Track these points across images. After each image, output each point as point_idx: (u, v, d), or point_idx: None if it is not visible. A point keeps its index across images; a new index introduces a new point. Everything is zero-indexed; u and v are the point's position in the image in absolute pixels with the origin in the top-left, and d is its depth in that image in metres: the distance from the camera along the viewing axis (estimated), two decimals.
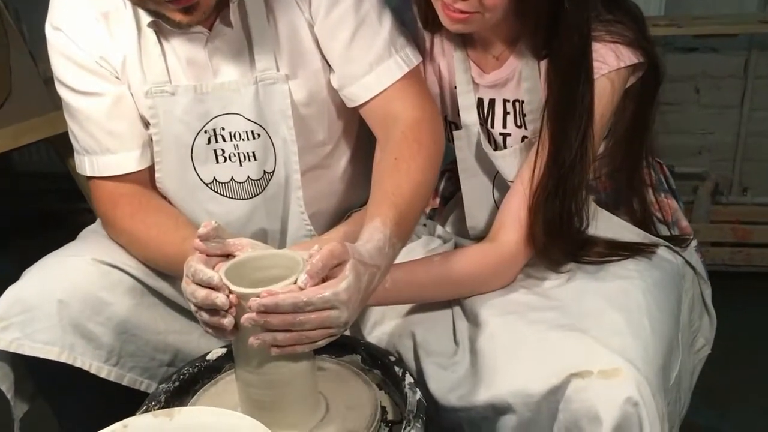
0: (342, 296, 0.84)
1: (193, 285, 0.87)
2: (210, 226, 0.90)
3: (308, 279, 0.84)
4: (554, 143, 1.07)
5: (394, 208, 0.98)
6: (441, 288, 1.12)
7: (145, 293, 1.18)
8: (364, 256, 0.90)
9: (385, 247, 0.94)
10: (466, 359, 1.07)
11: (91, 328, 1.12)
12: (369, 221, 0.96)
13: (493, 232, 1.15)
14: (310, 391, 0.98)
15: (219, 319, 0.86)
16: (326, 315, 0.84)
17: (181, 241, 1.10)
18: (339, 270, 0.86)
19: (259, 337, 0.85)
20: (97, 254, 1.15)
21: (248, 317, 0.84)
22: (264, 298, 0.83)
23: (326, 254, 0.85)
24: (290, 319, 0.83)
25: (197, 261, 0.88)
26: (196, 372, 1.11)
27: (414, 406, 0.98)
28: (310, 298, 0.83)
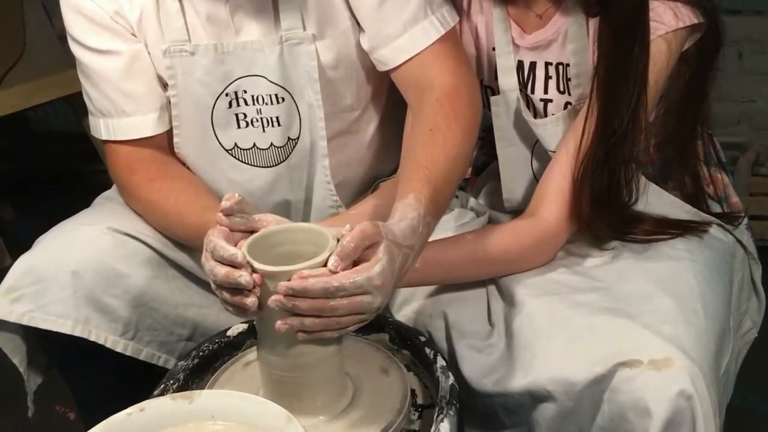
0: (376, 281, 0.78)
1: (213, 261, 0.81)
2: (233, 199, 0.84)
3: (339, 261, 0.78)
4: (604, 110, 0.99)
5: (429, 184, 0.91)
6: (474, 268, 1.06)
7: (162, 265, 1.12)
8: (398, 236, 0.84)
9: (419, 227, 0.87)
10: (501, 341, 1.01)
11: (107, 301, 1.06)
12: (401, 197, 0.89)
13: (532, 206, 1.07)
14: (337, 374, 0.92)
15: (241, 298, 0.81)
16: (358, 300, 0.78)
17: (201, 212, 1.04)
18: (371, 252, 0.80)
19: (286, 322, 0.79)
20: (113, 223, 1.10)
21: (275, 299, 0.78)
22: (292, 282, 0.78)
23: (358, 235, 0.79)
24: (320, 304, 0.77)
25: (218, 236, 0.82)
26: (216, 348, 1.06)
27: (447, 391, 0.92)
28: (342, 283, 0.77)
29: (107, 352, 1.08)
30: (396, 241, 0.83)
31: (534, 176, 1.17)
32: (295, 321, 0.79)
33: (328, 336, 0.83)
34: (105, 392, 1.13)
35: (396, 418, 0.91)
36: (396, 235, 0.84)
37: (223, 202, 0.84)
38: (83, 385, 1.16)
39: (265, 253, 0.86)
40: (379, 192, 1.15)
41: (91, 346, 1.07)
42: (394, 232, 0.84)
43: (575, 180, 1.02)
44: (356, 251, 0.79)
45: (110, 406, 1.14)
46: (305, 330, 0.80)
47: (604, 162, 1.00)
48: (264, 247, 0.87)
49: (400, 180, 0.94)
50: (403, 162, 0.97)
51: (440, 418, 0.88)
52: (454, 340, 1.03)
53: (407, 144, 1.00)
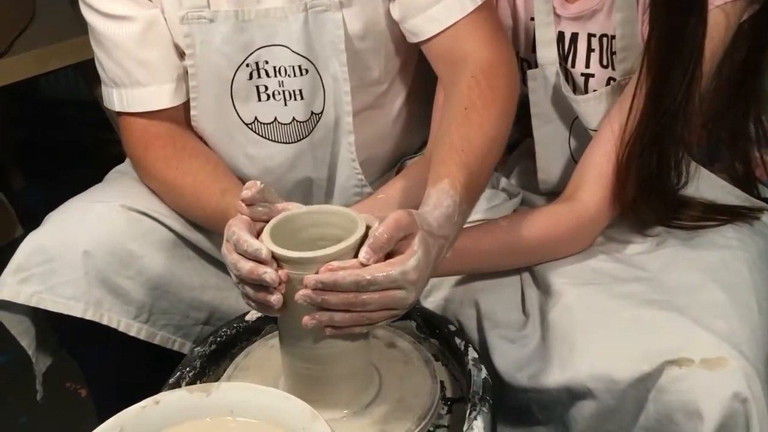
0: (411, 276, 0.73)
1: (236, 255, 0.76)
2: (255, 187, 0.78)
3: (371, 254, 0.73)
4: (656, 86, 0.92)
5: (465, 169, 0.84)
6: (509, 256, 0.99)
7: (179, 245, 1.07)
8: (433, 226, 0.78)
9: (455, 215, 0.81)
10: (536, 333, 0.95)
11: (120, 283, 1.01)
12: (435, 182, 0.83)
13: (570, 189, 1.01)
14: (363, 367, 0.87)
15: (265, 295, 0.75)
16: (391, 295, 0.73)
17: (219, 194, 0.98)
18: (405, 243, 0.74)
19: (314, 317, 0.74)
20: (127, 200, 1.04)
21: (303, 294, 0.73)
22: (322, 275, 0.72)
23: (392, 225, 0.73)
24: (351, 298, 0.72)
25: (240, 227, 0.77)
26: (233, 334, 1.00)
27: (480, 386, 0.87)
28: (375, 277, 0.71)
29: (120, 335, 1.03)
30: (431, 231, 0.77)
31: (572, 156, 1.11)
32: (324, 316, 0.74)
33: (358, 331, 0.78)
34: (118, 376, 1.10)
35: (425, 414, 0.86)
36: (431, 224, 0.78)
37: (244, 191, 0.79)
38: (95, 368, 1.11)
39: (288, 237, 0.81)
40: (407, 173, 1.09)
41: (103, 328, 1.02)
42: (429, 222, 0.78)
43: (620, 162, 0.95)
44: (389, 243, 0.74)
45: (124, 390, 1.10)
46: (334, 325, 0.75)
47: (653, 143, 0.93)
48: (288, 231, 0.82)
49: (433, 162, 0.88)
50: (436, 143, 0.91)
51: (473, 415, 0.83)
52: (486, 330, 0.97)
53: (440, 123, 0.93)
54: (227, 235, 0.77)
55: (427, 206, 0.80)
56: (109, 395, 1.12)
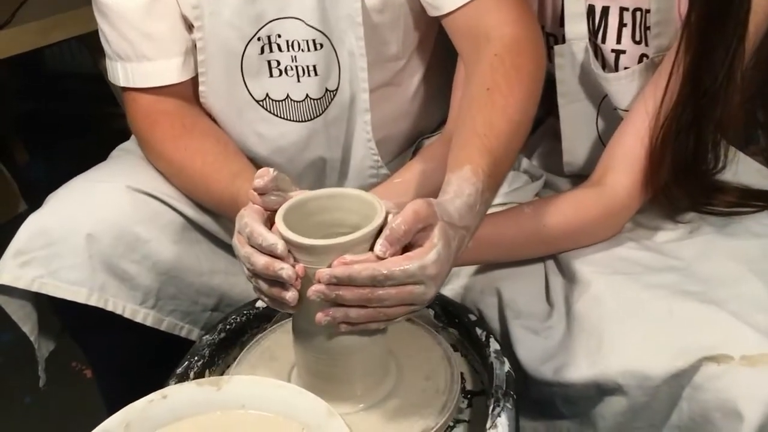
0: (430, 270, 0.68)
1: (249, 248, 0.71)
2: (268, 175, 0.74)
3: (388, 246, 0.68)
4: (695, 65, 0.86)
5: (488, 155, 0.79)
6: (533, 245, 0.95)
7: (187, 228, 1.02)
8: (454, 216, 0.73)
9: (476, 204, 0.76)
10: (561, 323, 0.90)
11: (125, 267, 0.97)
12: (456, 168, 0.78)
13: (598, 173, 0.96)
14: (380, 359, 0.83)
15: (280, 291, 0.71)
16: (409, 290, 0.68)
17: (230, 179, 0.93)
18: (424, 235, 0.70)
19: (328, 314, 0.70)
20: (132, 180, 0.99)
21: (316, 290, 0.69)
22: (336, 268, 0.68)
23: (410, 216, 0.68)
24: (366, 294, 0.68)
25: (253, 218, 0.72)
26: (243, 321, 0.96)
27: (503, 380, 0.83)
28: (392, 271, 0.67)
29: (126, 321, 0.99)
30: (452, 222, 0.72)
31: (599, 137, 1.05)
32: (338, 312, 0.70)
33: (374, 327, 0.74)
34: (124, 362, 1.06)
35: (445, 409, 0.82)
36: (452, 215, 0.73)
37: (256, 180, 0.74)
38: (100, 355, 1.07)
39: (302, 222, 0.76)
40: (425, 154, 1.03)
41: (108, 314, 0.98)
42: (450, 212, 0.73)
43: (654, 145, 0.90)
44: (407, 235, 0.69)
45: (130, 376, 1.07)
46: (349, 322, 0.71)
47: (690, 125, 0.87)
48: (301, 215, 0.77)
49: (453, 146, 0.82)
50: (457, 126, 0.85)
51: (497, 411, 0.79)
52: (509, 320, 0.93)
53: (461, 103, 0.88)
54: (239, 227, 0.73)
55: (447, 194, 0.76)
56: (114, 382, 1.09)
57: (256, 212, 0.73)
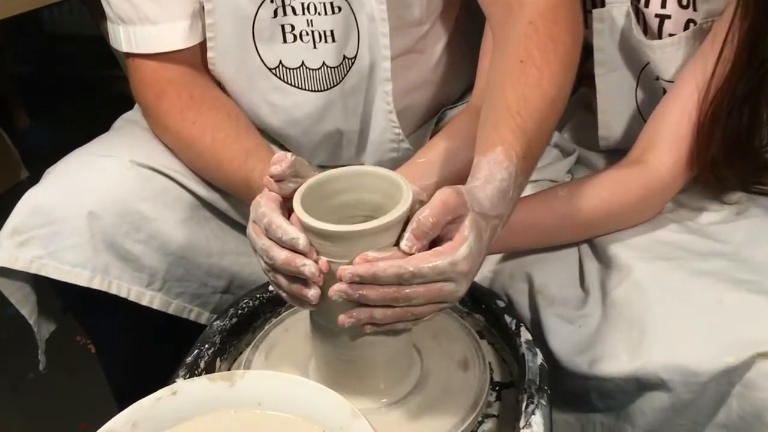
0: (461, 266, 0.62)
1: (267, 240, 0.65)
2: (285, 161, 0.67)
3: (414, 241, 0.63)
4: (754, 32, 0.79)
5: (522, 135, 0.72)
6: (568, 231, 0.88)
7: (195, 206, 0.96)
8: (485, 205, 0.67)
9: (509, 190, 0.69)
10: (597, 311, 0.84)
11: (129, 248, 0.91)
12: (486, 149, 0.71)
13: (638, 150, 0.89)
14: (404, 351, 0.77)
15: (301, 288, 0.66)
16: (439, 288, 0.63)
17: (243, 157, 0.87)
18: (454, 228, 0.64)
19: (351, 315, 0.64)
20: (137, 154, 0.92)
21: (338, 290, 0.63)
22: (358, 266, 0.62)
23: (439, 208, 0.62)
24: (392, 293, 0.62)
25: (271, 208, 0.66)
26: (256, 305, 0.90)
27: (536, 374, 0.77)
28: (419, 269, 0.61)
29: (131, 304, 0.93)
30: (483, 211, 0.66)
31: (638, 110, 0.98)
32: (362, 314, 0.64)
33: (401, 327, 0.68)
34: (130, 345, 1.01)
35: (475, 405, 0.76)
36: (483, 204, 0.66)
37: (273, 166, 0.67)
38: (105, 338, 1.02)
39: (320, 203, 0.70)
40: (449, 130, 0.96)
41: (112, 296, 0.92)
42: (481, 201, 0.67)
43: (702, 120, 0.83)
44: (436, 228, 0.63)
45: (137, 361, 1.01)
46: (374, 323, 0.65)
47: (745, 99, 0.80)
48: (319, 196, 0.71)
49: (483, 125, 0.75)
50: (486, 100, 0.78)
51: (530, 408, 0.73)
52: (540, 308, 0.87)
53: (490, 77, 0.80)
54: (255, 216, 0.67)
55: (477, 180, 0.69)
56: (121, 367, 1.04)
57: (273, 200, 0.67)
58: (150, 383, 0.84)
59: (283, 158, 0.67)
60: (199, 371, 0.81)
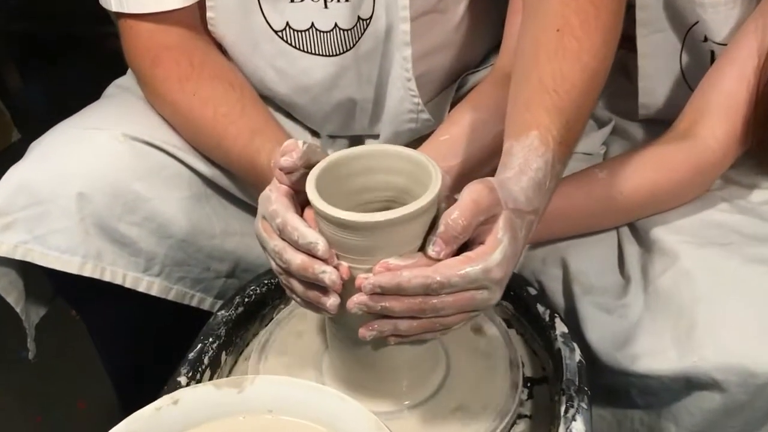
0: (495, 273, 0.56)
1: (280, 241, 0.59)
2: (297, 151, 0.60)
3: (443, 246, 0.57)
4: None
5: (559, 116, 0.64)
6: (609, 216, 0.81)
7: (195, 183, 0.87)
8: (520, 200, 0.60)
9: (546, 181, 0.62)
10: (638, 300, 0.77)
11: (124, 231, 0.83)
12: (519, 133, 0.63)
13: (685, 122, 0.81)
14: (429, 350, 0.70)
15: (319, 296, 0.60)
16: (469, 297, 0.57)
17: (248, 135, 0.79)
18: (486, 229, 0.58)
19: (373, 328, 0.59)
20: (130, 127, 0.84)
21: (358, 302, 0.57)
22: (380, 276, 0.57)
23: (469, 209, 0.56)
24: (418, 304, 0.56)
25: (283, 205, 0.60)
26: (264, 292, 0.83)
27: (574, 372, 0.70)
28: (448, 279, 0.56)
29: (128, 290, 0.86)
30: (518, 207, 0.59)
31: (682, 74, 0.89)
32: (385, 326, 0.58)
33: (429, 338, 0.62)
34: (129, 335, 0.94)
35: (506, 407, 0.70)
36: (517, 198, 0.60)
37: (283, 159, 0.60)
38: (101, 326, 0.95)
39: (337, 187, 0.63)
40: (474, 100, 0.86)
41: (107, 282, 0.84)
42: (515, 195, 0.60)
43: (761, 87, 0.74)
44: (466, 232, 0.57)
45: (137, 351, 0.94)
46: (399, 334, 0.59)
47: None
48: (336, 178, 0.63)
49: (515, 103, 0.67)
50: (517, 74, 0.69)
51: (570, 413, 0.67)
52: (576, 296, 0.79)
53: (522, 48, 0.71)
54: (265, 213, 0.60)
55: (510, 170, 0.61)
56: (119, 357, 0.97)
57: (285, 195, 0.61)
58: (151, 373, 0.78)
59: (294, 147, 0.60)
60: (202, 368, 0.74)
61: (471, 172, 0.81)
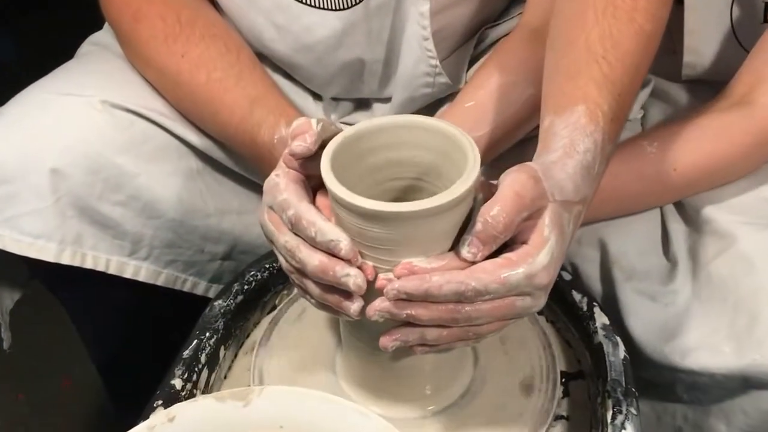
0: (540, 279, 0.49)
1: (292, 237, 0.51)
2: (311, 134, 0.52)
3: (480, 247, 0.49)
4: None
5: (610, 88, 0.55)
6: (660, 194, 0.73)
7: (186, 155, 0.78)
8: (567, 188, 0.52)
9: (595, 165, 0.54)
10: (686, 287, 0.69)
11: (106, 211, 0.74)
12: (563, 107, 0.54)
13: (741, 86, 0.72)
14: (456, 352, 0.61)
15: (340, 300, 0.51)
16: (509, 304, 0.49)
17: (247, 105, 0.71)
18: (530, 225, 0.50)
19: (396, 337, 0.51)
20: (110, 92, 0.74)
21: (380, 309, 0.50)
22: (406, 281, 0.48)
23: (512, 205, 0.48)
24: (450, 312, 0.49)
25: (295, 194, 0.51)
26: (265, 277, 0.74)
27: (620, 372, 0.63)
28: (486, 286, 0.48)
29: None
30: (566, 199, 0.51)
31: (733, 31, 0.79)
32: (411, 335, 0.51)
33: (460, 347, 0.54)
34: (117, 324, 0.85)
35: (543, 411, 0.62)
36: (564, 188, 0.52)
37: (296, 143, 0.52)
38: (85, 316, 0.86)
39: (355, 163, 0.55)
40: (500, 59, 0.76)
41: None
42: (562, 184, 0.51)
43: None
44: (507, 231, 0.49)
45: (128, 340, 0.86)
46: (426, 344, 0.52)
47: None
48: (355, 154, 0.55)
49: (555, 69, 0.58)
50: (559, 37, 0.60)
51: (619, 420, 0.60)
52: (617, 282, 0.71)
53: (561, 4, 0.61)
54: (273, 202, 0.52)
55: (553, 152, 0.53)
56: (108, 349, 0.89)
57: (296, 182, 0.53)
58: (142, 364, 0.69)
59: (307, 128, 0.51)
60: (199, 367, 0.66)
61: (500, 142, 0.73)
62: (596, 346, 0.65)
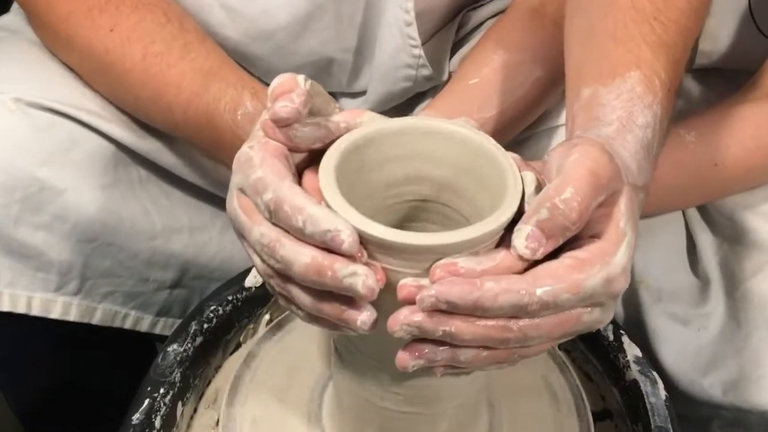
0: (618, 284, 0.38)
1: (270, 228, 0.39)
2: (299, 90, 0.40)
3: (543, 241, 0.37)
4: None
5: (665, 52, 0.47)
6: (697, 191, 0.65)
7: (123, 163, 0.66)
8: (632, 170, 0.42)
9: (654, 143, 0.45)
10: (720, 306, 0.61)
11: (26, 238, 0.61)
12: (611, 72, 0.45)
13: None
14: (476, 398, 0.52)
15: (342, 311, 0.38)
16: (575, 318, 0.38)
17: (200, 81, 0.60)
18: (601, 215, 0.39)
19: (422, 354, 0.38)
20: (25, 88, 0.61)
21: (407, 323, 0.36)
22: (448, 284, 0.36)
23: (588, 186, 0.37)
24: (500, 331, 0.37)
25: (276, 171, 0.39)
26: (228, 312, 0.61)
27: (665, 417, 0.55)
28: (556, 297, 0.36)
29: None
30: (633, 182, 0.42)
31: (750, 13, 0.72)
32: (440, 355, 0.38)
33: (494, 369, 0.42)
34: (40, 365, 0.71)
35: None
36: (630, 169, 0.42)
37: (279, 104, 0.40)
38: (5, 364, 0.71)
39: (355, 178, 0.43)
40: (500, 37, 0.66)
41: None
42: (627, 164, 0.42)
43: None
44: (581, 220, 0.37)
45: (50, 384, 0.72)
46: (458, 366, 0.39)
47: None
48: (355, 167, 0.44)
49: (588, 31, 0.49)
50: None
51: None
52: (644, 304, 0.63)
53: None
54: (246, 184, 0.40)
55: (607, 125, 0.43)
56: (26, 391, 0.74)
57: (277, 156, 0.40)
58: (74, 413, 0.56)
59: (294, 85, 0.40)
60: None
61: (506, 130, 0.64)
62: (630, 384, 0.56)
